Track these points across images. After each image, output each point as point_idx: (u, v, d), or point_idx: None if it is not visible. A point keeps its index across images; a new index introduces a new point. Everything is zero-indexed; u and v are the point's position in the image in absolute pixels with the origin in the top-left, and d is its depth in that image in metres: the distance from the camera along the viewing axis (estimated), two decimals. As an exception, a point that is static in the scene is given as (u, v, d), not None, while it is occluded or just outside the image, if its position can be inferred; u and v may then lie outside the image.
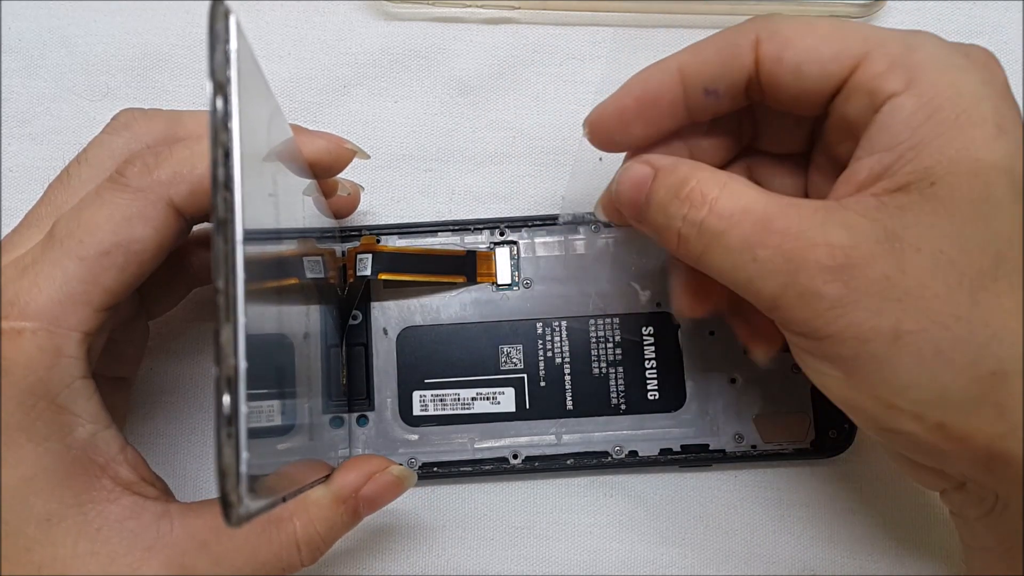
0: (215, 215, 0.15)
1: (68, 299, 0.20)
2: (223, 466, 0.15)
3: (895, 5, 0.33)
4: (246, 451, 0.15)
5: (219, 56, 0.16)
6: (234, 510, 0.15)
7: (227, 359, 0.15)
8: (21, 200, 0.32)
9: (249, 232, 0.16)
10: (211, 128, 0.15)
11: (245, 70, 0.16)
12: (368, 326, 0.30)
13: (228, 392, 0.15)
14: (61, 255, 0.21)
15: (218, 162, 0.15)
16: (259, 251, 0.17)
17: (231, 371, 0.15)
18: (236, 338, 0.15)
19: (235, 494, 0.15)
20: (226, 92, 0.15)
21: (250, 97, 0.16)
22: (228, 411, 0.15)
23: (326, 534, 0.23)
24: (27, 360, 0.20)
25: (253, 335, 0.16)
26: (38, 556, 0.20)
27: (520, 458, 0.30)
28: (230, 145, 0.15)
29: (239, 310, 0.15)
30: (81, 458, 0.21)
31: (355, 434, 0.30)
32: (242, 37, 0.16)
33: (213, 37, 0.16)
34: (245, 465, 0.15)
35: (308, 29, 0.33)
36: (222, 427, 0.15)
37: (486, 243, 0.31)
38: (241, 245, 0.15)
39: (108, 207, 0.21)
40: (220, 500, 0.15)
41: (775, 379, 0.30)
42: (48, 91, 0.32)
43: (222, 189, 0.15)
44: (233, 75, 0.16)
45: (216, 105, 0.15)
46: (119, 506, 0.21)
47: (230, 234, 0.15)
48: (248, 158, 0.16)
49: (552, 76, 0.33)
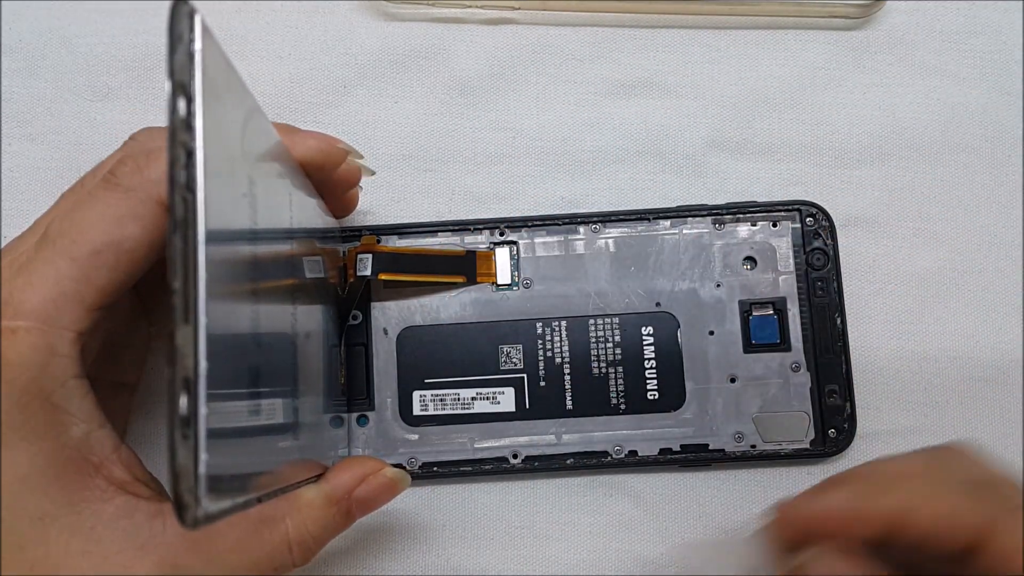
0: (171, 215, 0.15)
1: (61, 298, 0.20)
2: (177, 468, 0.14)
3: (895, 5, 0.33)
4: (205, 452, 0.14)
5: (180, 56, 0.15)
6: (189, 512, 0.14)
7: (183, 360, 0.15)
8: (21, 201, 0.32)
9: (214, 232, 0.15)
10: (169, 128, 0.15)
11: (212, 70, 0.16)
12: (368, 326, 0.30)
13: (185, 393, 0.15)
14: (54, 255, 0.21)
15: (177, 163, 0.15)
16: (230, 251, 0.17)
17: (188, 372, 0.15)
18: (197, 339, 0.15)
19: (190, 495, 0.14)
20: (188, 92, 0.15)
21: (218, 97, 0.16)
22: (184, 412, 0.14)
23: (318, 535, 0.23)
24: (21, 359, 0.20)
25: (229, 335, 0.16)
26: (31, 555, 0.20)
27: (520, 458, 0.30)
28: (193, 145, 0.15)
29: (201, 311, 0.15)
30: (75, 457, 0.21)
31: (355, 434, 0.30)
32: (209, 37, 0.16)
33: (173, 37, 0.15)
34: (204, 466, 0.14)
35: (308, 29, 0.33)
36: (176, 428, 0.14)
37: (486, 243, 0.31)
38: (203, 246, 0.15)
39: (99, 207, 0.21)
40: (173, 501, 0.14)
41: (774, 379, 0.30)
42: (48, 91, 0.32)
43: (182, 189, 0.15)
44: (197, 75, 0.15)
45: (177, 105, 0.15)
46: (112, 505, 0.21)
47: (191, 234, 0.15)
48: (214, 158, 0.16)
49: (552, 76, 0.33)
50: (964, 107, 0.32)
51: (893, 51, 0.33)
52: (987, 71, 0.33)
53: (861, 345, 0.30)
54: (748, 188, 0.32)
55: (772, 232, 0.31)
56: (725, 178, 0.32)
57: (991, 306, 0.31)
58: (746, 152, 0.32)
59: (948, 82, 0.33)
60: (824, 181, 0.32)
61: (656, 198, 0.32)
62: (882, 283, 0.32)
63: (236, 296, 0.17)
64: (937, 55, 0.33)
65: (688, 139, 0.32)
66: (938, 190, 0.32)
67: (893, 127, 0.32)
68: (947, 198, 0.32)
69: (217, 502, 0.15)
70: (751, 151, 0.32)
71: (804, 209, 0.31)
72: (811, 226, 0.31)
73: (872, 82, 0.33)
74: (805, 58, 0.33)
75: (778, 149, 0.32)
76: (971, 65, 0.33)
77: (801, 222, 0.31)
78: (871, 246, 0.32)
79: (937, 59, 0.33)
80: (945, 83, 0.33)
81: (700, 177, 0.32)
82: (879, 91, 0.32)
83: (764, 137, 0.32)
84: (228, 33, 0.32)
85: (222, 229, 0.16)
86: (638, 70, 0.33)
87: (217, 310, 0.15)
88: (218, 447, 0.15)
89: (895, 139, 0.32)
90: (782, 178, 0.32)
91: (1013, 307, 0.31)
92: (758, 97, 0.32)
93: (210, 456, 0.15)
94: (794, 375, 0.30)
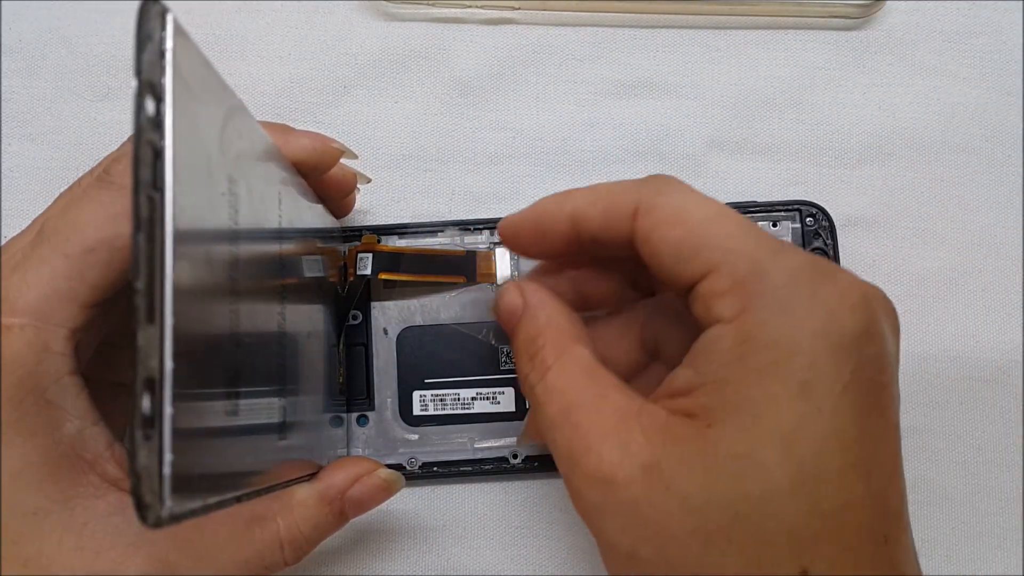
0: (134, 214, 0.15)
1: (55, 295, 0.21)
2: (138, 468, 0.14)
3: (895, 5, 0.33)
4: (170, 453, 0.14)
5: (148, 55, 0.15)
6: (151, 511, 0.14)
7: (146, 361, 0.14)
8: (21, 200, 0.32)
9: (185, 232, 0.15)
10: (135, 127, 0.15)
11: (185, 69, 0.16)
12: (368, 326, 0.30)
13: (148, 394, 0.14)
14: (48, 252, 0.21)
15: (142, 162, 0.15)
16: (204, 251, 0.16)
17: (151, 373, 0.14)
18: (163, 339, 0.15)
19: (152, 495, 0.14)
20: (157, 91, 0.15)
21: (192, 96, 0.16)
22: (147, 412, 0.14)
23: (310, 534, 0.24)
24: (15, 355, 0.20)
25: (203, 334, 0.16)
26: (24, 550, 0.20)
27: (520, 458, 0.30)
28: (161, 144, 0.15)
29: (167, 311, 0.15)
30: (68, 454, 0.21)
31: (355, 434, 0.30)
32: (182, 36, 0.16)
33: (142, 37, 0.15)
34: (169, 467, 0.14)
35: (308, 29, 0.33)
36: (137, 428, 0.14)
37: (486, 243, 0.31)
38: (171, 245, 0.15)
39: (93, 204, 0.21)
40: (134, 502, 0.14)
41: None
42: (48, 91, 0.32)
43: (147, 188, 0.15)
44: (168, 74, 0.15)
45: (144, 104, 0.15)
46: (105, 502, 0.21)
47: (158, 233, 0.15)
48: (186, 157, 0.15)
49: (552, 76, 0.33)
50: (964, 107, 0.32)
51: (893, 51, 0.33)
52: (987, 71, 0.33)
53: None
54: (748, 188, 0.32)
55: (772, 232, 0.31)
56: (725, 178, 0.32)
57: (991, 306, 0.31)
58: (746, 152, 0.32)
59: (948, 82, 0.33)
60: (824, 181, 0.32)
61: (656, 198, 0.32)
62: (882, 283, 0.31)
63: (212, 296, 0.17)
64: (937, 55, 0.33)
65: (688, 139, 0.32)
66: (938, 190, 0.32)
67: (893, 127, 0.32)
68: (947, 198, 0.32)
69: (184, 502, 0.15)
70: (751, 151, 0.32)
71: (804, 209, 0.31)
72: (811, 226, 0.31)
73: (872, 82, 0.33)
74: (805, 58, 0.33)
75: (778, 149, 0.32)
76: (971, 65, 0.33)
77: (801, 222, 0.31)
78: (871, 246, 0.32)
79: (937, 59, 0.33)
80: (945, 83, 0.33)
81: (700, 177, 0.32)
82: (879, 91, 0.32)
83: (764, 137, 0.32)
84: (228, 33, 0.32)
85: (194, 228, 0.16)
86: (638, 70, 0.33)
87: (187, 310, 0.15)
88: (186, 447, 0.15)
89: (895, 139, 0.32)
90: (782, 178, 0.32)
91: (1013, 307, 0.31)
92: (758, 97, 0.32)
93: (176, 456, 0.14)
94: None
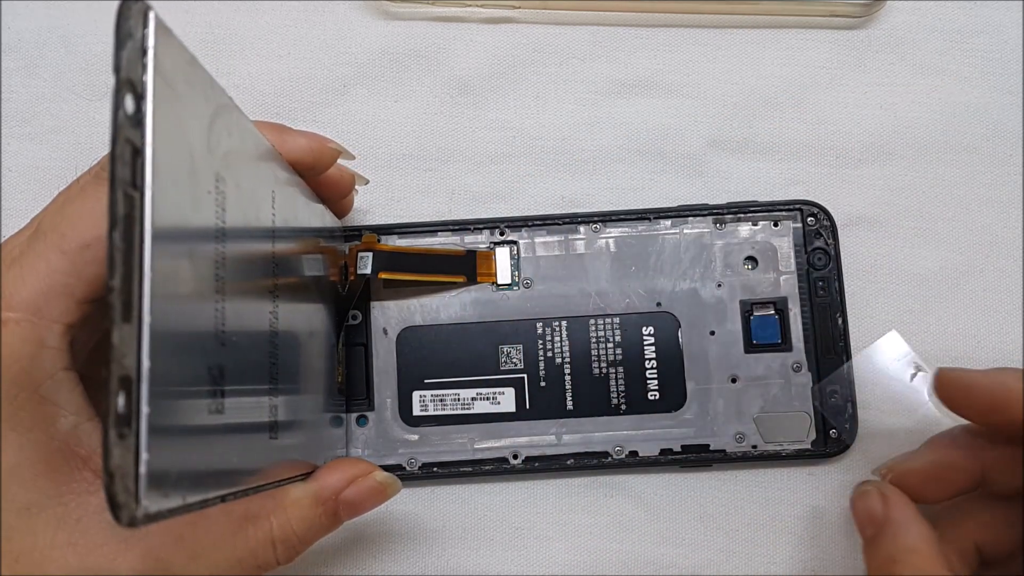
0: (109, 212, 0.15)
1: (51, 291, 0.21)
2: (111, 467, 0.14)
3: (896, 4, 0.33)
4: (147, 452, 0.14)
5: (127, 53, 0.15)
6: (125, 511, 0.14)
7: (121, 359, 0.14)
8: (21, 200, 0.32)
9: (165, 230, 0.15)
10: (112, 124, 0.15)
11: (169, 67, 0.16)
12: (368, 326, 0.30)
13: (123, 392, 0.14)
14: (45, 248, 0.21)
15: (120, 159, 0.15)
16: (186, 249, 0.16)
17: (127, 371, 0.14)
18: (140, 337, 0.14)
19: (126, 494, 0.14)
20: (137, 89, 0.15)
21: (176, 94, 0.16)
22: (122, 411, 0.14)
23: (303, 534, 0.24)
24: (10, 350, 0.20)
25: (183, 333, 0.16)
26: (17, 545, 0.20)
27: (520, 458, 0.30)
28: (141, 142, 0.15)
29: (145, 309, 0.15)
30: (63, 449, 0.21)
31: (355, 434, 0.30)
32: (164, 34, 0.16)
33: (121, 35, 0.15)
34: (145, 465, 0.14)
35: (308, 29, 0.33)
36: (112, 427, 0.14)
37: (486, 243, 0.31)
38: (150, 243, 0.15)
39: (89, 201, 0.21)
40: (107, 501, 0.14)
41: (775, 379, 0.30)
42: (48, 91, 0.32)
43: (125, 186, 0.15)
44: (149, 72, 0.15)
45: (123, 102, 0.15)
46: (98, 498, 0.21)
47: (136, 231, 0.15)
48: (168, 155, 0.15)
49: (552, 76, 0.33)
50: (965, 106, 0.32)
51: (894, 50, 0.33)
52: (988, 71, 0.32)
53: (862, 345, 0.30)
54: (749, 188, 0.32)
55: (773, 232, 0.31)
56: (726, 178, 0.32)
57: (992, 306, 0.31)
58: (747, 151, 0.32)
59: (949, 81, 0.32)
60: (825, 181, 0.32)
61: (657, 198, 0.32)
62: (883, 283, 0.31)
63: (195, 293, 0.17)
64: (938, 54, 0.33)
65: (689, 138, 0.32)
66: (939, 190, 0.32)
67: (894, 126, 0.32)
68: (948, 198, 0.32)
69: (161, 501, 0.15)
70: (752, 150, 0.32)
71: (805, 209, 0.31)
72: (812, 226, 0.31)
73: (873, 81, 0.32)
74: (806, 57, 0.33)
75: (779, 149, 0.32)
76: (972, 65, 0.33)
77: (802, 222, 0.31)
78: (872, 246, 0.32)
79: (938, 58, 0.33)
80: (946, 82, 0.32)
81: (701, 176, 0.32)
82: (880, 90, 0.32)
83: (765, 137, 0.32)
84: (227, 32, 0.32)
85: (176, 226, 0.16)
86: (638, 69, 0.33)
87: (167, 308, 0.15)
88: (164, 445, 0.15)
89: (896, 139, 0.32)
90: (783, 178, 0.32)
91: (1013, 307, 0.31)
92: (759, 96, 0.32)
93: (153, 454, 0.14)
94: (795, 375, 0.30)
